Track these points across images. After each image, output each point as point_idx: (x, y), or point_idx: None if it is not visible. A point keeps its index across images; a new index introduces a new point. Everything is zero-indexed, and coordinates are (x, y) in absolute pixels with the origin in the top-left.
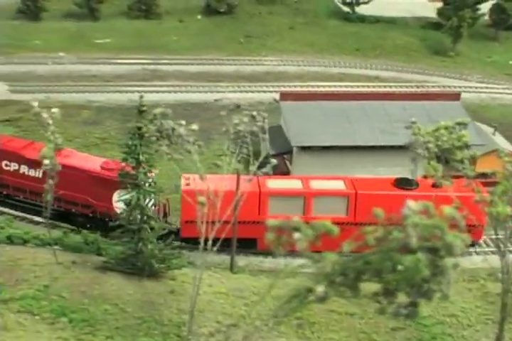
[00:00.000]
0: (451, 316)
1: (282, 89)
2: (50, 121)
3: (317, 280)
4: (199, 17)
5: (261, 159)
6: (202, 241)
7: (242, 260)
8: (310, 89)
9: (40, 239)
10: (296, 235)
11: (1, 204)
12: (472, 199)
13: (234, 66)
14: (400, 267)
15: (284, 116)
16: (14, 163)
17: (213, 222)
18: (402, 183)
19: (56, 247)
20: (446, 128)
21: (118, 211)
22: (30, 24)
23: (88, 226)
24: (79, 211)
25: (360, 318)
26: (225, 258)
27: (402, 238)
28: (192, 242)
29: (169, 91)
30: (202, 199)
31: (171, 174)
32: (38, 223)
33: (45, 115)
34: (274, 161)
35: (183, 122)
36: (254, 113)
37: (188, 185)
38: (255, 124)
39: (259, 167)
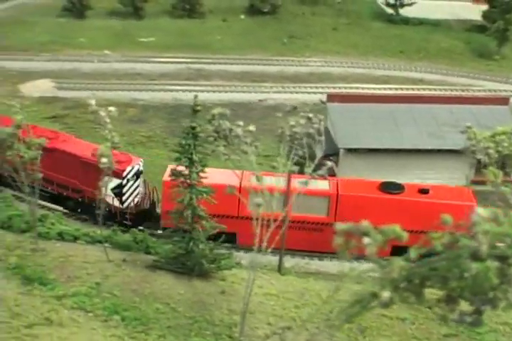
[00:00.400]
0: (504, 324)
1: (326, 90)
2: (108, 120)
3: (382, 285)
4: (242, 17)
5: (316, 161)
6: (256, 242)
7: (287, 261)
8: (354, 90)
9: (90, 236)
10: (366, 240)
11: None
12: (459, 207)
13: (278, 66)
14: (467, 274)
15: (330, 118)
16: None
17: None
18: (387, 187)
19: (106, 245)
20: (504, 133)
21: (104, 197)
22: (75, 22)
23: (79, 210)
24: (69, 195)
25: (411, 323)
26: (271, 259)
27: (472, 245)
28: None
29: (214, 91)
30: (259, 200)
31: None
32: (84, 220)
33: (102, 113)
34: (329, 163)
35: (241, 123)
36: (311, 115)
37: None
38: (312, 126)
39: (315, 169)
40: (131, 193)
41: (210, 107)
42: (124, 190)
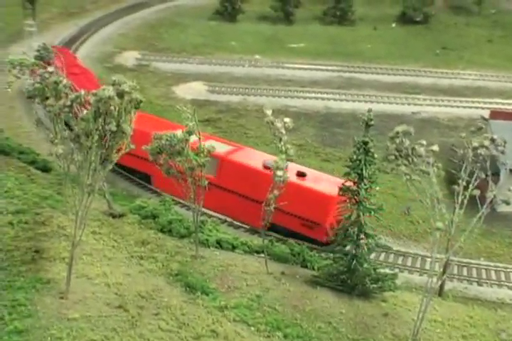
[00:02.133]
0: None
1: (483, 105)
2: (284, 131)
3: None
4: (393, 25)
5: (500, 184)
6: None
7: (445, 285)
8: None
9: (247, 246)
10: None
11: None
12: (318, 195)
13: (431, 78)
14: None
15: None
16: None
17: None
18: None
19: (262, 255)
20: None
21: None
22: (227, 25)
23: None
24: None
25: None
26: (423, 279)
27: None
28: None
29: (365, 101)
30: (439, 224)
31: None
32: (237, 227)
33: (278, 125)
34: None
35: (424, 142)
36: (495, 136)
37: None
38: (496, 148)
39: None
40: None
41: (361, 118)
42: None
